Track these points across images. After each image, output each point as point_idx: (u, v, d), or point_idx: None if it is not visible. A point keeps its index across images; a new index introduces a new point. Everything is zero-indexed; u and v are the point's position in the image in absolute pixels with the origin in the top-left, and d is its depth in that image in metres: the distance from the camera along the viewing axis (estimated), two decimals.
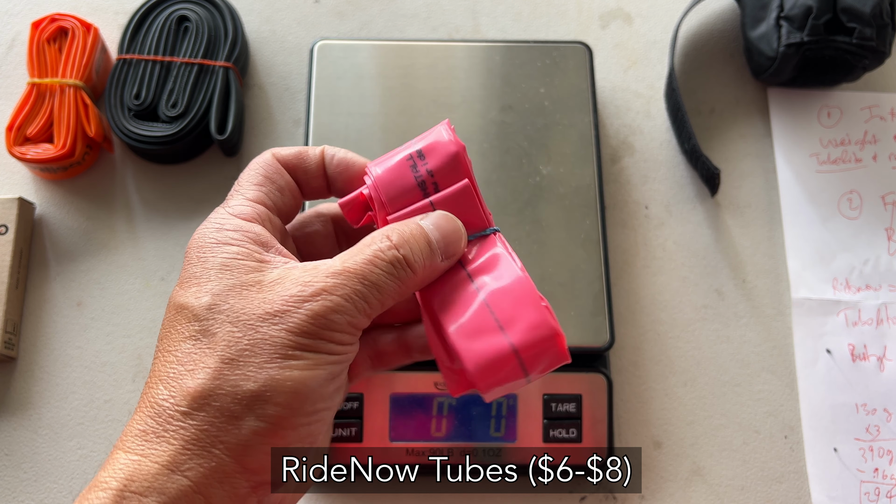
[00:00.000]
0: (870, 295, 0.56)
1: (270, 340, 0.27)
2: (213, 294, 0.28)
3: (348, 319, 0.28)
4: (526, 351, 0.30)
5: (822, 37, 0.56)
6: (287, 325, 0.27)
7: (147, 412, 0.27)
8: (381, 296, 0.29)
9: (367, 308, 0.28)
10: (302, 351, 0.27)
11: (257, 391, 0.26)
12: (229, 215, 0.31)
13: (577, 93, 0.56)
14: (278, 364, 0.27)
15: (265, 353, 0.27)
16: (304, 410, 0.27)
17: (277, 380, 0.26)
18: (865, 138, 0.60)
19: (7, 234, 0.54)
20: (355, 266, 0.28)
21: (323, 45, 0.57)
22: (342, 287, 0.28)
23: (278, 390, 0.26)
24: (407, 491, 0.51)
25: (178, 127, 0.55)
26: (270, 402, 0.26)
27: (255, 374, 0.26)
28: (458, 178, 0.33)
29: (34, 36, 0.57)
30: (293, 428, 0.27)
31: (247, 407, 0.26)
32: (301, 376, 0.27)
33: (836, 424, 0.53)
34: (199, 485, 0.26)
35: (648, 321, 0.55)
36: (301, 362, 0.27)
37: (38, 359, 0.53)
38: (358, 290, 0.28)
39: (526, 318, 0.31)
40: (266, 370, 0.26)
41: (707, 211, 0.58)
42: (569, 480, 0.51)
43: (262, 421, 0.26)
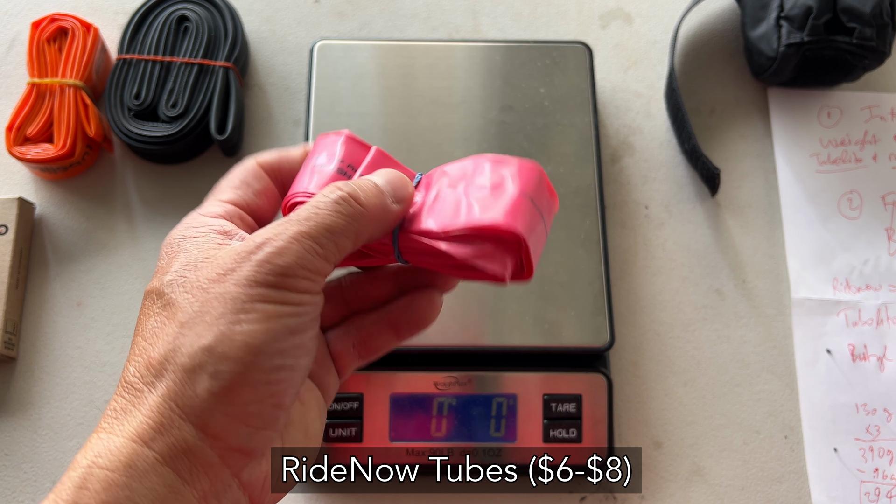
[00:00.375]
0: (870, 295, 0.56)
1: (221, 297, 0.27)
2: (173, 271, 0.28)
3: (299, 262, 0.27)
4: (530, 190, 0.31)
5: (822, 37, 0.56)
6: (236, 280, 0.27)
7: (119, 392, 0.27)
8: (332, 234, 0.28)
9: (319, 249, 0.28)
10: (254, 303, 0.26)
11: (209, 346, 0.26)
12: (198, 215, 0.32)
13: (577, 93, 0.56)
14: (229, 319, 0.26)
15: (216, 310, 0.26)
16: (259, 366, 0.26)
17: (227, 335, 0.26)
18: (865, 138, 0.60)
19: (7, 234, 0.54)
20: (301, 215, 0.28)
21: (323, 45, 0.57)
22: (287, 231, 0.27)
23: (229, 345, 0.26)
24: (407, 491, 0.51)
25: (178, 127, 0.55)
26: (223, 358, 0.26)
27: (206, 330, 0.26)
28: (366, 152, 0.34)
29: (34, 36, 0.57)
30: (249, 385, 0.26)
31: (200, 364, 0.26)
32: (252, 329, 0.26)
33: (836, 424, 0.53)
34: (164, 455, 0.26)
35: (648, 321, 0.55)
36: (253, 315, 0.26)
37: (38, 359, 0.53)
38: (304, 232, 0.27)
39: (507, 174, 0.31)
40: (217, 326, 0.26)
41: (707, 211, 0.58)
42: (569, 480, 0.51)
43: (216, 379, 0.26)
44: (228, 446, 0.26)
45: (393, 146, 0.54)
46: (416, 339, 0.36)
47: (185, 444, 0.26)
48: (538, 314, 0.50)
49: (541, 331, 0.50)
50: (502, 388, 0.50)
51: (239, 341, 0.26)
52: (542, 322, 0.50)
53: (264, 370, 0.26)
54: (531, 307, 0.50)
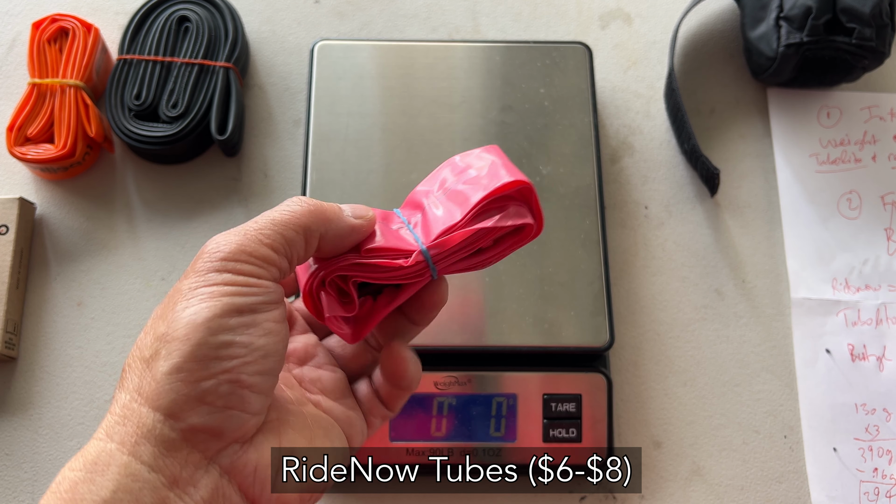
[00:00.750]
0: (869, 295, 0.56)
1: (178, 291, 0.29)
2: None
3: (240, 248, 0.29)
4: (503, 159, 0.34)
5: (822, 37, 0.56)
6: (188, 275, 0.29)
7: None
8: (276, 225, 0.30)
9: (263, 237, 0.29)
10: (199, 288, 0.28)
11: (162, 333, 0.27)
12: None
13: (577, 93, 0.56)
14: (181, 305, 0.28)
15: (172, 301, 0.28)
16: (205, 342, 0.27)
17: (175, 318, 0.27)
18: (865, 138, 0.60)
19: (7, 234, 0.54)
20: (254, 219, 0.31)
21: (323, 46, 0.57)
22: (236, 230, 0.30)
23: (177, 325, 0.27)
24: (407, 491, 0.51)
25: (178, 127, 0.55)
26: (171, 339, 0.27)
27: (160, 322, 0.28)
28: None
29: (35, 36, 0.57)
30: (198, 360, 0.27)
31: (155, 352, 0.27)
32: (196, 308, 0.27)
33: (835, 424, 0.53)
34: (125, 444, 0.26)
35: (648, 321, 0.55)
36: (197, 297, 0.28)
37: (38, 359, 0.53)
38: (249, 225, 0.30)
39: (476, 154, 0.34)
40: (173, 312, 0.28)
41: (707, 211, 0.58)
42: (569, 480, 0.51)
43: (167, 359, 0.27)
44: (191, 426, 0.27)
45: (393, 146, 0.54)
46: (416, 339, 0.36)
47: (144, 430, 0.26)
48: (538, 314, 0.50)
49: (541, 331, 0.50)
50: (502, 387, 0.50)
51: (184, 320, 0.27)
52: (542, 322, 0.50)
53: (211, 346, 0.27)
54: (531, 307, 0.50)
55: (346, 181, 0.53)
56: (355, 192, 0.53)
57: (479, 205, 0.32)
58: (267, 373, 0.29)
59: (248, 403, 0.28)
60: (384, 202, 0.53)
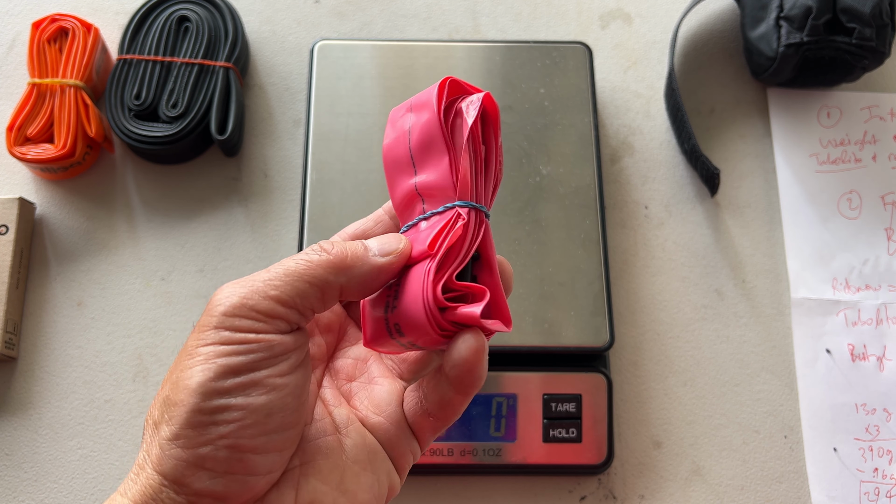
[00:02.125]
0: (869, 295, 0.56)
1: (185, 348, 0.28)
2: None
3: (242, 302, 0.27)
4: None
5: (822, 37, 0.56)
6: (196, 329, 0.28)
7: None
8: (290, 277, 0.28)
9: (271, 290, 0.28)
10: (197, 347, 0.27)
11: (165, 396, 0.27)
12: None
13: (577, 93, 0.56)
14: (180, 367, 0.27)
15: (179, 360, 0.27)
16: (200, 407, 0.26)
17: (176, 381, 0.27)
18: (865, 138, 0.60)
19: (7, 234, 0.54)
20: (266, 270, 0.29)
21: (323, 46, 0.57)
22: (242, 282, 0.28)
23: (178, 389, 0.27)
24: (407, 490, 0.51)
25: (178, 127, 0.55)
26: (173, 403, 0.26)
27: (169, 382, 0.27)
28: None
29: (34, 36, 0.57)
30: (195, 427, 0.26)
31: (161, 414, 0.27)
32: (193, 372, 0.26)
33: (835, 424, 0.53)
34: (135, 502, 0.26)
35: (648, 321, 0.55)
36: (196, 359, 0.27)
37: (38, 359, 0.53)
38: (259, 277, 0.28)
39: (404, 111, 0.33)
40: (177, 374, 0.27)
41: (707, 211, 0.58)
42: (569, 480, 0.51)
43: (168, 425, 0.26)
44: (195, 492, 0.26)
45: None
46: None
47: (152, 491, 0.26)
48: (538, 314, 0.50)
49: (541, 331, 0.50)
50: (502, 387, 0.50)
51: (182, 385, 0.26)
52: (542, 322, 0.50)
53: (205, 411, 0.26)
54: (531, 307, 0.50)
55: (346, 181, 0.53)
56: (355, 193, 0.53)
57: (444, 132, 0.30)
58: (273, 431, 0.27)
59: (252, 466, 0.27)
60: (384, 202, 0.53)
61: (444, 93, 0.31)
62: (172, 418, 0.26)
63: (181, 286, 0.55)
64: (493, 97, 0.32)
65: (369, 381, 0.33)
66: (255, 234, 0.57)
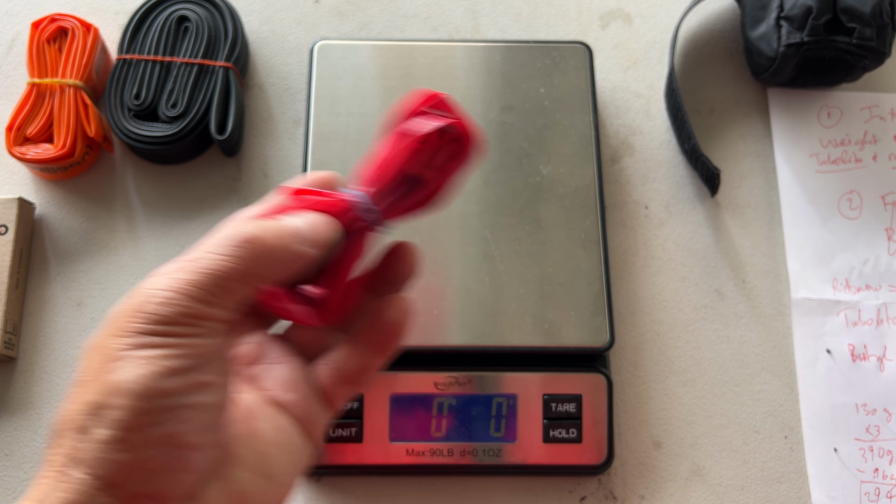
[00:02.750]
0: (870, 295, 0.56)
1: (105, 350, 0.27)
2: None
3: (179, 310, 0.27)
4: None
5: (822, 37, 0.56)
6: (115, 331, 0.27)
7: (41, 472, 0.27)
8: (222, 280, 0.28)
9: (205, 295, 0.27)
10: (132, 350, 0.26)
11: (94, 400, 0.26)
12: None
13: (577, 93, 0.56)
14: (110, 369, 0.26)
15: (101, 363, 0.27)
16: (147, 410, 0.26)
17: (111, 383, 0.26)
18: (865, 138, 0.60)
19: (7, 235, 0.54)
20: (184, 261, 0.28)
21: (323, 46, 0.57)
22: (162, 278, 0.28)
23: (114, 393, 0.26)
24: (407, 490, 0.51)
25: (178, 127, 0.55)
26: (108, 406, 0.26)
27: (91, 384, 0.27)
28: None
29: (34, 36, 0.57)
30: (140, 430, 0.26)
31: (91, 417, 0.26)
32: (133, 375, 0.26)
33: (836, 424, 0.53)
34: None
35: (648, 321, 0.55)
36: (132, 362, 0.26)
37: (38, 359, 0.53)
38: (189, 280, 0.27)
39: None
40: (100, 378, 0.26)
41: (707, 211, 0.58)
42: (569, 480, 0.51)
43: (107, 428, 0.26)
44: (132, 493, 0.26)
45: None
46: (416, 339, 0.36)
47: (83, 496, 0.25)
48: (538, 314, 0.50)
49: (541, 331, 0.50)
50: (502, 388, 0.50)
51: (122, 389, 0.26)
52: (542, 322, 0.50)
53: (151, 412, 0.26)
54: (531, 307, 0.50)
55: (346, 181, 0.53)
56: None
57: (398, 133, 0.31)
58: (210, 428, 0.27)
59: (192, 463, 0.27)
60: None
61: (426, 102, 0.32)
62: (109, 422, 0.26)
63: None
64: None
65: (275, 361, 0.33)
66: None
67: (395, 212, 0.33)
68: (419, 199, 0.33)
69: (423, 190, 0.33)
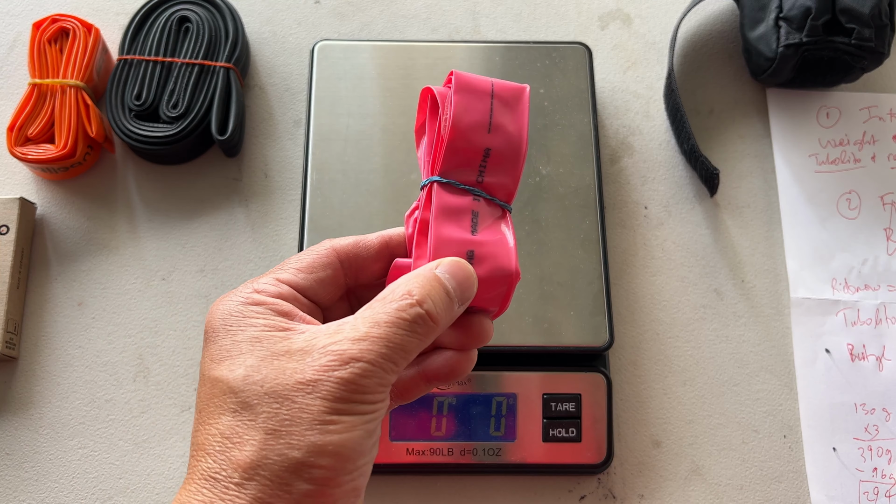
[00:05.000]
0: (868, 295, 0.56)
1: (307, 409, 0.29)
2: (246, 367, 0.30)
3: (377, 381, 0.30)
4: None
5: (821, 37, 0.56)
6: (321, 394, 0.29)
7: (200, 484, 0.29)
8: (407, 353, 0.30)
9: (395, 367, 0.30)
10: (338, 415, 0.29)
11: (302, 459, 0.28)
12: (254, 291, 0.33)
13: (577, 93, 0.56)
14: (318, 430, 0.28)
15: (304, 421, 0.29)
16: (347, 469, 0.29)
17: (319, 445, 0.28)
18: (864, 139, 0.60)
19: (8, 235, 0.54)
20: (379, 331, 0.30)
21: (323, 46, 0.57)
22: (368, 353, 0.29)
23: (321, 454, 0.28)
24: (407, 490, 0.51)
25: (178, 127, 0.55)
26: (315, 466, 0.28)
27: (297, 442, 0.28)
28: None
29: (35, 36, 0.57)
30: (339, 486, 0.29)
31: (294, 473, 0.28)
32: (340, 439, 0.28)
33: (834, 424, 0.53)
34: None
35: (647, 321, 0.55)
36: (338, 426, 0.29)
37: (39, 359, 0.54)
38: (384, 354, 0.30)
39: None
40: (307, 437, 0.28)
41: (706, 211, 0.59)
42: (568, 479, 0.51)
43: (309, 483, 0.28)
44: None
45: (393, 146, 0.54)
46: None
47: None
48: (538, 314, 0.50)
49: (540, 330, 0.50)
50: (502, 387, 0.50)
51: (330, 451, 0.28)
52: (541, 322, 0.50)
53: (350, 471, 0.29)
54: (531, 307, 0.50)
55: (346, 181, 0.53)
56: (355, 193, 0.53)
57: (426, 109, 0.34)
58: (370, 469, 0.31)
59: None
60: (384, 202, 0.53)
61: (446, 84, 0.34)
62: (313, 479, 0.28)
63: (182, 286, 0.55)
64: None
65: None
66: (255, 235, 0.57)
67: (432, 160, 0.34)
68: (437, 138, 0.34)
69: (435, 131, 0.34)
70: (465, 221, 0.33)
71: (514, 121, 0.33)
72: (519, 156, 0.33)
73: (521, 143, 0.33)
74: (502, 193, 0.34)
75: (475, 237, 0.33)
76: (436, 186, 0.33)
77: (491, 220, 0.33)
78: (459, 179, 0.33)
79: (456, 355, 0.34)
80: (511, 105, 0.33)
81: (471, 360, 0.34)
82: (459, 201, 0.33)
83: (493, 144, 0.33)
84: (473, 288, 0.32)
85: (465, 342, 0.34)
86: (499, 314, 0.34)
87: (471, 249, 0.32)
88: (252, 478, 0.28)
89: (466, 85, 0.33)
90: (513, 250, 0.33)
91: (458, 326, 0.34)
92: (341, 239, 0.35)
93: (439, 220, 0.33)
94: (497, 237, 0.33)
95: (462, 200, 0.33)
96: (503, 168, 0.33)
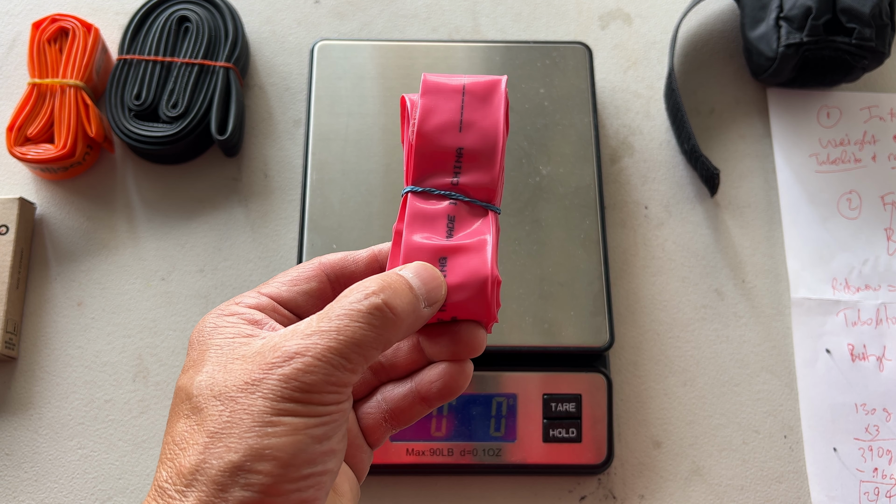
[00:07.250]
0: (869, 295, 0.56)
1: (249, 410, 0.27)
2: (204, 373, 0.29)
3: (324, 378, 0.27)
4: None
5: (822, 37, 0.56)
6: (263, 393, 0.27)
7: (152, 496, 0.28)
8: (362, 348, 0.28)
9: (347, 363, 0.28)
10: (280, 416, 0.27)
11: (239, 462, 0.26)
12: (234, 303, 0.32)
13: (577, 93, 0.56)
14: (257, 433, 0.27)
15: (244, 423, 0.27)
16: (289, 476, 0.27)
17: (257, 449, 0.26)
18: (865, 138, 0.60)
19: (8, 235, 0.54)
20: (329, 325, 0.28)
21: (323, 46, 0.57)
22: (314, 347, 0.28)
23: (260, 459, 0.26)
24: (407, 490, 0.51)
25: (178, 127, 0.55)
26: (253, 471, 0.26)
27: (236, 444, 0.27)
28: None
29: (35, 36, 0.57)
30: (281, 495, 0.26)
31: (231, 477, 0.26)
32: (280, 443, 0.27)
33: (835, 424, 0.53)
34: None
35: (648, 321, 0.55)
36: (279, 429, 0.27)
37: (38, 359, 0.54)
38: (332, 347, 0.28)
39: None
40: (246, 440, 0.27)
41: (706, 211, 0.58)
42: (568, 480, 0.51)
43: (247, 490, 0.26)
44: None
45: (393, 146, 0.54)
46: None
47: None
48: (538, 314, 0.50)
49: (541, 331, 0.50)
50: (502, 387, 0.50)
51: (269, 455, 0.26)
52: (542, 322, 0.50)
53: (294, 479, 0.27)
54: (531, 307, 0.50)
55: (346, 181, 0.53)
56: (355, 193, 0.53)
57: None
58: (328, 491, 0.28)
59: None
60: (384, 202, 0.53)
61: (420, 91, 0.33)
62: (251, 485, 0.26)
63: (181, 286, 0.55)
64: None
65: None
66: (255, 234, 0.57)
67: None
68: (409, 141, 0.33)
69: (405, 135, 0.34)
70: (439, 227, 0.32)
71: (488, 115, 0.32)
72: (495, 151, 0.32)
73: (497, 137, 0.32)
74: (481, 193, 0.32)
75: (449, 243, 0.31)
76: (409, 196, 0.32)
77: (470, 223, 0.32)
78: (435, 185, 0.32)
79: (449, 367, 0.32)
80: (485, 99, 0.32)
81: (465, 374, 0.33)
82: (433, 208, 0.32)
83: (465, 143, 0.32)
84: (441, 288, 0.31)
85: (455, 351, 0.32)
86: (490, 322, 0.32)
87: (444, 256, 0.31)
88: (191, 484, 0.27)
89: (433, 86, 0.32)
90: (489, 253, 0.31)
91: (447, 335, 0.32)
92: (331, 255, 0.34)
93: (410, 229, 0.32)
94: (474, 241, 0.32)
95: (437, 206, 0.32)
96: (479, 166, 0.32)
